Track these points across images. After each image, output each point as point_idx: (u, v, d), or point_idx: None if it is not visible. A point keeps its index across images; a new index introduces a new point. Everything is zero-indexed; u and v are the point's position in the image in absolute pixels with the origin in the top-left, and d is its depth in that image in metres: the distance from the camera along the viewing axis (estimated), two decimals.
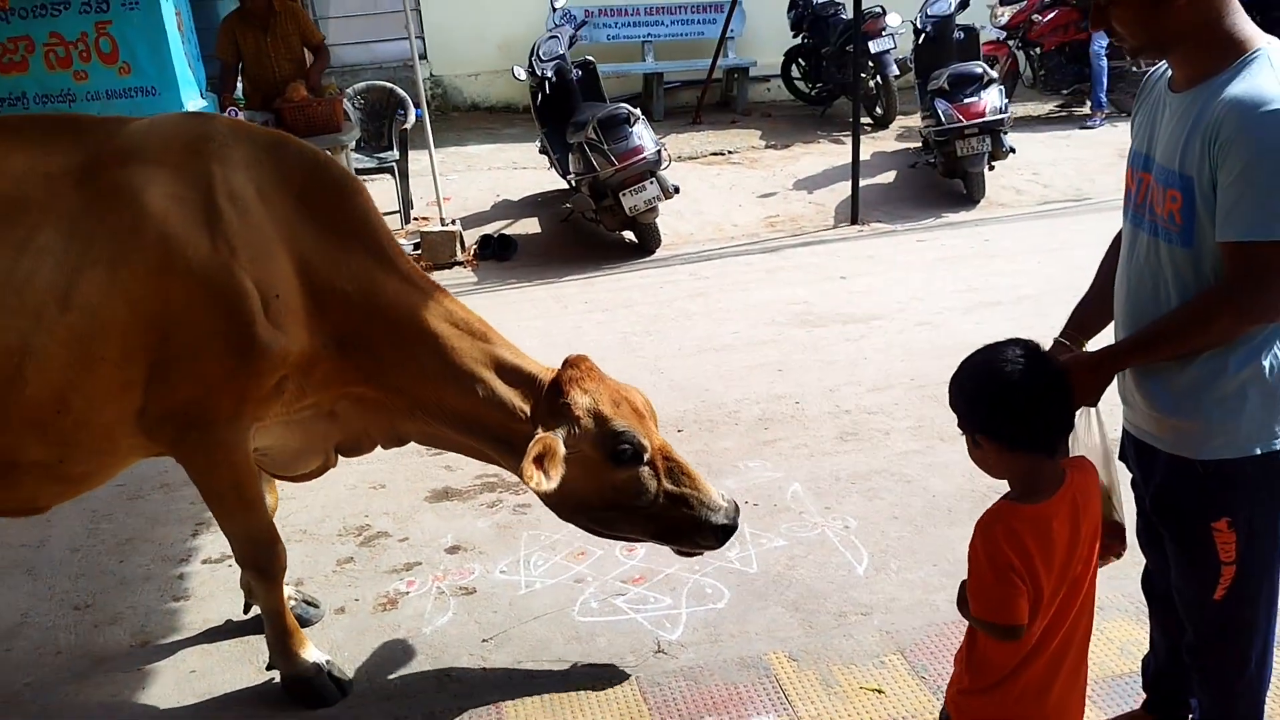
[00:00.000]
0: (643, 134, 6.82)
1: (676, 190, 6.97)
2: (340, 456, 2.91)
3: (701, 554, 2.95)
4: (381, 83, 8.23)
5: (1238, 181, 1.78)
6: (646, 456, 2.66)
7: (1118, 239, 2.20)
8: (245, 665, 3.12)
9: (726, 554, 3.55)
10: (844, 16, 10.33)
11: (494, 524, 3.87)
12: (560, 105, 7.67)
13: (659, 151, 6.84)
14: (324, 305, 2.55)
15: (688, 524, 2.70)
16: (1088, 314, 2.23)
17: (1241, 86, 1.80)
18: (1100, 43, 9.21)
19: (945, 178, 7.99)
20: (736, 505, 2.81)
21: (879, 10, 9.45)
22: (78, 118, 2.64)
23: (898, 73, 9.36)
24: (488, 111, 11.52)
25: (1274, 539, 2.04)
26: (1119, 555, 2.22)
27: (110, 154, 2.46)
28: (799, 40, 10.84)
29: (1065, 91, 9.91)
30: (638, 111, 6.98)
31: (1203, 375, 1.93)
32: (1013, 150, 7.85)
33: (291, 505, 4.01)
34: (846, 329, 5.57)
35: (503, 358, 2.72)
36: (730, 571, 3.47)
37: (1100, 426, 2.17)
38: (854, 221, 7.56)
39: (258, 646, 3.13)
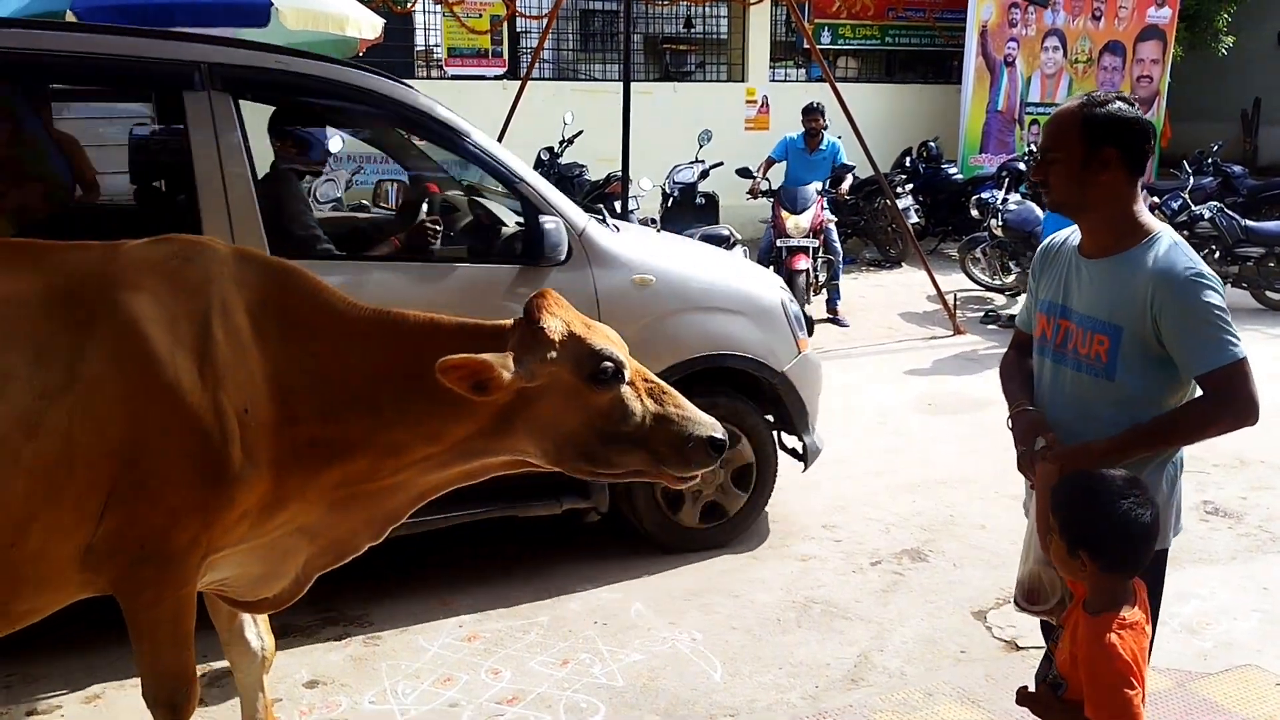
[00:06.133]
0: None
1: None
2: (320, 569, 2.84)
3: (697, 478, 2.65)
4: None
5: (1186, 331, 2.33)
6: (627, 376, 2.53)
7: (1007, 358, 2.80)
8: None
9: (592, 670, 3.76)
10: (588, 178, 11.12)
11: (347, 656, 3.84)
12: None
13: None
14: (294, 408, 2.53)
15: (681, 443, 2.53)
16: (1029, 389, 2.67)
17: (1161, 260, 2.37)
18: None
19: None
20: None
21: (618, 175, 10.25)
22: (31, 243, 2.57)
23: None
24: None
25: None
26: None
27: (83, 279, 2.43)
28: None
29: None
30: None
31: None
32: None
33: (116, 650, 3.77)
34: None
35: (459, 326, 2.64)
36: (599, 686, 3.65)
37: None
38: None
39: None
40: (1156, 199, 11.08)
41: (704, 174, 9.57)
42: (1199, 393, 2.41)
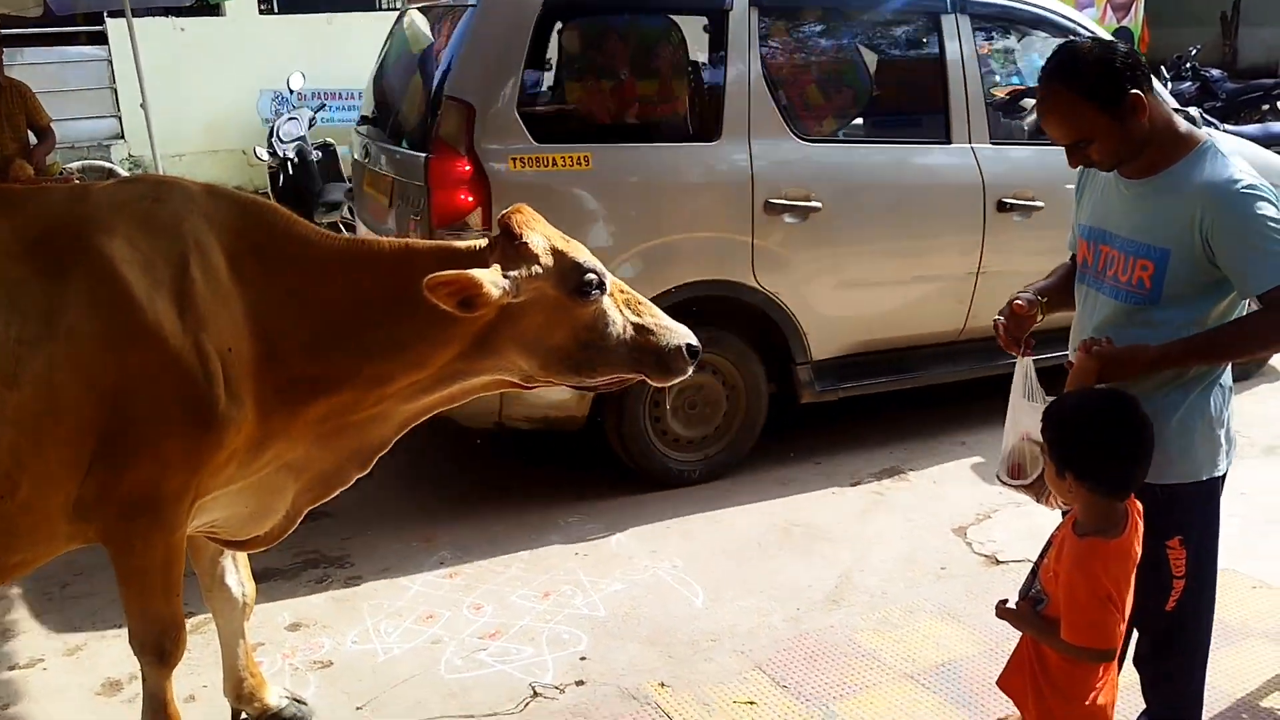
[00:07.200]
0: None
1: None
2: (309, 504, 2.81)
3: (674, 381, 2.69)
4: (99, 162, 7.81)
5: (1241, 248, 2.18)
6: (609, 286, 2.57)
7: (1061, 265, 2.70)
8: None
9: (573, 601, 3.76)
10: None
11: (329, 598, 3.84)
12: (300, 186, 7.63)
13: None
14: (276, 344, 2.49)
15: (660, 351, 2.60)
16: (1052, 292, 2.61)
17: (1209, 174, 2.23)
18: None
19: None
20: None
21: None
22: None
23: None
24: None
25: (1213, 556, 2.47)
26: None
27: (53, 224, 2.36)
28: None
29: None
30: None
31: (1162, 410, 2.28)
32: None
33: (95, 601, 3.76)
34: None
35: (436, 248, 2.62)
36: (581, 617, 3.66)
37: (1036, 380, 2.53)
38: None
39: None
40: None
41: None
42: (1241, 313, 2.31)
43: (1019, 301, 2.54)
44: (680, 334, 2.62)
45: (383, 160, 4.72)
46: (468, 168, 4.08)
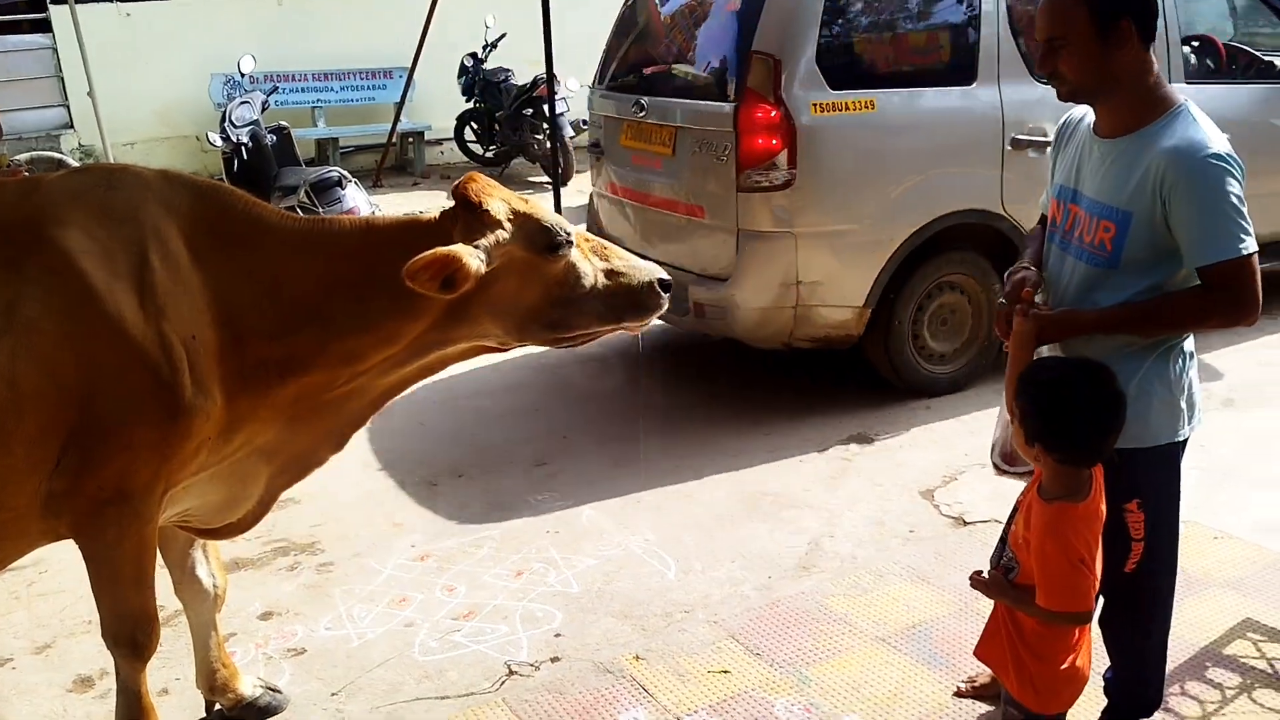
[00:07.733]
0: (355, 195, 6.88)
1: None
2: (284, 487, 2.79)
3: (648, 322, 2.71)
4: (48, 153, 7.67)
5: (1193, 217, 2.17)
6: (574, 239, 2.56)
7: (1033, 230, 2.67)
8: None
9: (546, 578, 3.77)
10: (515, 82, 10.86)
11: (300, 586, 3.82)
12: (254, 171, 7.53)
13: (373, 212, 6.93)
14: (240, 329, 2.46)
15: (633, 291, 2.61)
16: (1039, 260, 2.55)
17: (1177, 138, 2.20)
18: None
19: None
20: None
21: (544, 77, 10.01)
22: None
23: (573, 133, 9.95)
24: None
25: (1173, 520, 2.47)
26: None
27: (9, 218, 2.32)
28: (471, 104, 11.23)
29: None
30: (348, 174, 7.04)
31: (1120, 374, 2.23)
32: None
33: (64, 599, 3.73)
34: None
35: (395, 223, 2.60)
36: (554, 594, 3.67)
37: None
38: None
39: None
40: None
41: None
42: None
43: (1030, 286, 2.41)
44: (649, 270, 2.64)
45: (658, 114, 5.26)
46: (775, 114, 4.66)
